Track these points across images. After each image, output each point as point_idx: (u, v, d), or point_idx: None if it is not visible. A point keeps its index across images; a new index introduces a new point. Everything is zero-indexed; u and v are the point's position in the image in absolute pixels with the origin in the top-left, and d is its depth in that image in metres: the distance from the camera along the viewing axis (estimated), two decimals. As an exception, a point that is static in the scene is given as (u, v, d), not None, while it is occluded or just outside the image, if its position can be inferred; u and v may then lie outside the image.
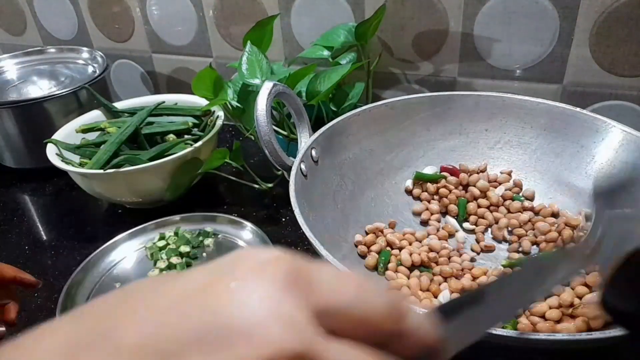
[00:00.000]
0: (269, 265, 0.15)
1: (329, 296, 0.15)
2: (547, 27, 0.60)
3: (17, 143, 0.72)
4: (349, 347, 0.15)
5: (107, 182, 0.59)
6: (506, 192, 0.53)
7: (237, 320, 0.14)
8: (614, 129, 0.50)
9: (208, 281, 0.15)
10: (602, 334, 0.29)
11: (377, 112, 0.55)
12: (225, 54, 0.79)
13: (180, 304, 0.14)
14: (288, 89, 0.51)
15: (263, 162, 0.67)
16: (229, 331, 0.14)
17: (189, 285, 0.15)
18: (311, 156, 0.49)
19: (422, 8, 0.64)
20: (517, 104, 0.55)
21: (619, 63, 0.59)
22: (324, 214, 0.48)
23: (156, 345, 0.14)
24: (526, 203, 0.52)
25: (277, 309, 0.14)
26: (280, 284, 0.15)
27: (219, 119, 0.65)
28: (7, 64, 0.82)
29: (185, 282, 0.15)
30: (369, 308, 0.16)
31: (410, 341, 0.17)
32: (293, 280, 0.15)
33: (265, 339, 0.14)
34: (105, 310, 0.15)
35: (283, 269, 0.15)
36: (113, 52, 0.87)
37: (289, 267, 0.15)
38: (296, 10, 0.71)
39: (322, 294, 0.15)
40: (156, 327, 0.14)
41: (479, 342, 0.31)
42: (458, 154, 0.57)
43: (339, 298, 0.15)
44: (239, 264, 0.15)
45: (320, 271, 0.16)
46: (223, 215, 0.58)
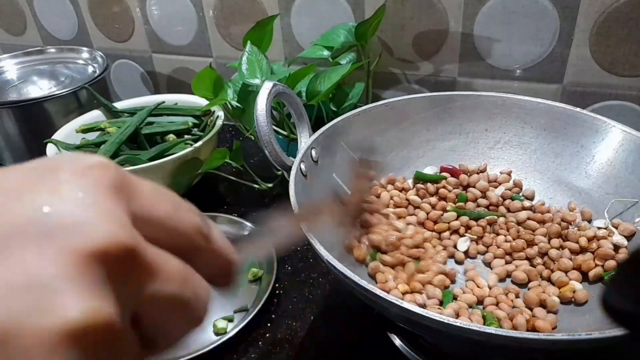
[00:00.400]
0: (94, 169, 0.15)
1: (149, 206, 0.16)
2: (547, 27, 0.60)
3: (17, 143, 0.72)
4: (162, 250, 0.16)
5: (107, 182, 0.59)
6: (506, 191, 0.53)
7: (65, 215, 0.14)
8: (614, 129, 0.50)
9: (31, 180, 0.14)
10: (602, 334, 0.29)
11: (377, 112, 0.55)
12: (225, 54, 0.79)
13: (2, 199, 0.14)
14: (288, 89, 0.51)
15: (263, 162, 0.68)
16: (57, 224, 0.13)
17: (11, 181, 0.14)
18: (311, 156, 0.49)
19: (422, 8, 0.64)
20: (517, 104, 0.55)
21: (619, 63, 0.59)
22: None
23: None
24: (526, 203, 0.52)
25: (104, 207, 0.14)
26: (105, 187, 0.15)
27: (219, 119, 0.65)
28: (7, 64, 0.82)
29: (7, 178, 0.15)
30: (182, 222, 0.17)
31: (210, 258, 0.18)
32: (117, 185, 0.15)
33: (95, 231, 0.14)
34: None
35: (108, 174, 0.15)
36: (113, 52, 0.87)
37: (113, 174, 0.15)
38: (296, 10, 0.71)
39: (143, 203, 0.16)
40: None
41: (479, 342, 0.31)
42: (458, 154, 0.57)
43: (157, 209, 0.16)
44: (63, 166, 0.15)
45: (142, 183, 0.17)
46: (223, 215, 0.58)
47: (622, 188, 0.48)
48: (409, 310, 0.31)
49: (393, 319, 0.37)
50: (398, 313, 0.33)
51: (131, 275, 0.14)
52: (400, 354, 0.44)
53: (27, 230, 0.13)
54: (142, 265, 0.15)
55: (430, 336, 0.42)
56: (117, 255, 0.14)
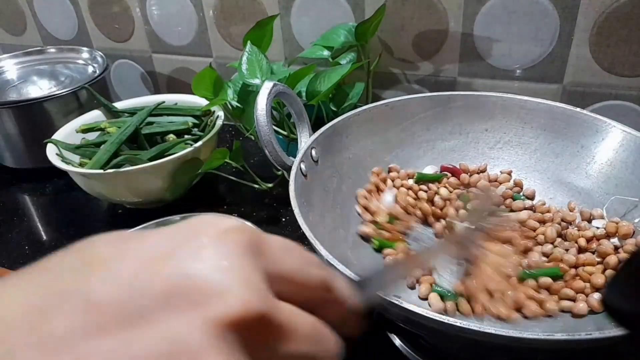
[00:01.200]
0: (230, 233, 0.16)
1: (281, 263, 0.17)
2: (547, 27, 0.60)
3: (17, 143, 0.72)
4: (293, 307, 0.17)
5: (107, 182, 0.59)
6: (507, 191, 0.53)
7: (206, 282, 0.15)
8: (614, 129, 0.50)
9: (175, 244, 0.16)
10: (602, 334, 0.29)
11: (377, 112, 0.55)
12: (225, 54, 0.79)
13: (148, 264, 0.15)
14: (288, 89, 0.51)
15: (263, 162, 0.68)
16: (198, 292, 0.14)
17: (155, 247, 0.16)
18: (311, 156, 0.49)
19: (422, 8, 0.64)
20: (517, 104, 0.55)
21: (619, 63, 0.59)
22: (324, 214, 0.48)
23: (128, 302, 0.14)
24: (527, 202, 0.52)
25: (242, 273, 0.15)
26: (241, 251, 0.16)
27: (219, 119, 0.65)
28: (7, 64, 0.82)
29: (151, 244, 0.16)
30: (310, 276, 0.18)
31: (336, 308, 0.20)
32: (252, 247, 0.16)
33: (235, 299, 0.15)
34: (68, 267, 0.15)
35: (243, 237, 0.16)
36: (113, 52, 0.87)
37: (248, 236, 0.17)
38: (296, 10, 0.71)
39: (275, 260, 0.17)
40: (127, 286, 0.14)
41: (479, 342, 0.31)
42: (458, 154, 0.57)
43: (288, 265, 0.18)
44: (203, 231, 0.16)
45: (273, 241, 0.18)
46: (223, 215, 0.59)
47: (622, 188, 0.48)
48: (409, 310, 0.31)
49: (393, 319, 0.37)
50: (398, 313, 0.33)
51: (267, 338, 0.15)
52: (400, 354, 0.44)
53: (171, 297, 0.14)
54: (277, 328, 0.16)
55: (430, 336, 0.42)
56: (254, 322, 0.15)
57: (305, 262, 0.18)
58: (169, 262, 0.15)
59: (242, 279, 0.15)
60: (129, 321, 0.14)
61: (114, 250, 0.16)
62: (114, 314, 0.14)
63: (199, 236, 0.16)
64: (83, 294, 0.14)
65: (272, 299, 0.16)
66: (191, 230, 0.16)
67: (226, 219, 0.17)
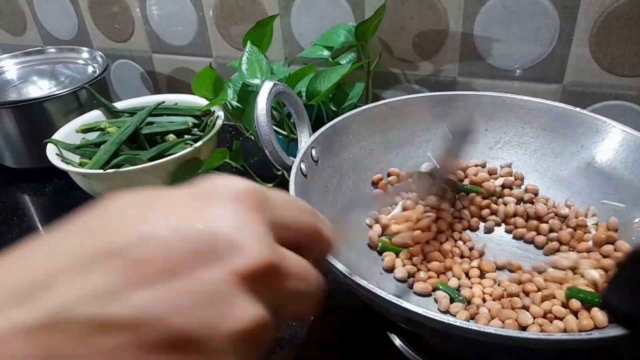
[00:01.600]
0: (243, 194, 0.19)
1: (282, 214, 0.21)
2: (547, 27, 0.60)
3: (17, 143, 0.72)
4: (290, 252, 0.20)
5: (107, 182, 0.59)
6: (507, 180, 0.53)
7: (227, 237, 0.17)
8: (614, 129, 0.50)
9: (199, 205, 0.18)
10: (602, 334, 0.29)
11: (377, 112, 0.55)
12: (225, 54, 0.79)
13: (179, 223, 0.17)
14: (288, 89, 0.51)
15: (263, 162, 0.68)
16: (222, 248, 0.17)
17: (182, 207, 0.18)
18: (311, 156, 0.49)
19: (422, 8, 0.64)
20: (517, 104, 0.55)
21: (619, 63, 0.59)
22: (324, 214, 0.47)
23: (165, 259, 0.16)
24: (526, 195, 0.52)
25: (254, 229, 0.18)
26: (252, 209, 0.19)
27: (219, 119, 0.65)
28: (7, 64, 0.82)
29: (174, 205, 0.18)
30: (304, 222, 0.22)
31: (320, 249, 0.24)
32: (260, 205, 0.20)
33: (252, 253, 0.18)
34: (102, 228, 0.17)
35: (254, 197, 0.20)
36: (113, 52, 0.87)
37: (257, 195, 0.20)
38: (296, 10, 0.71)
39: (277, 213, 0.21)
40: (163, 244, 0.16)
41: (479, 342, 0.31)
42: (458, 154, 0.57)
43: (288, 215, 0.21)
44: (219, 193, 0.19)
45: (275, 195, 0.21)
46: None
47: (622, 188, 0.48)
48: (409, 310, 0.31)
49: (393, 319, 0.37)
50: (398, 313, 0.33)
51: (276, 283, 0.19)
52: (400, 354, 0.44)
53: (201, 253, 0.17)
54: (283, 274, 0.19)
55: (431, 336, 0.42)
56: (267, 271, 0.18)
57: (300, 211, 0.22)
58: (196, 221, 0.17)
59: (256, 235, 0.18)
60: (168, 275, 0.16)
61: (142, 210, 0.18)
62: (153, 270, 0.16)
63: (218, 197, 0.19)
64: (121, 253, 0.16)
65: (278, 249, 0.19)
66: (211, 192, 0.19)
67: (237, 181, 0.20)
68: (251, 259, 0.17)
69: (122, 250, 0.16)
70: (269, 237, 0.19)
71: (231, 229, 0.18)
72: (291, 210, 0.22)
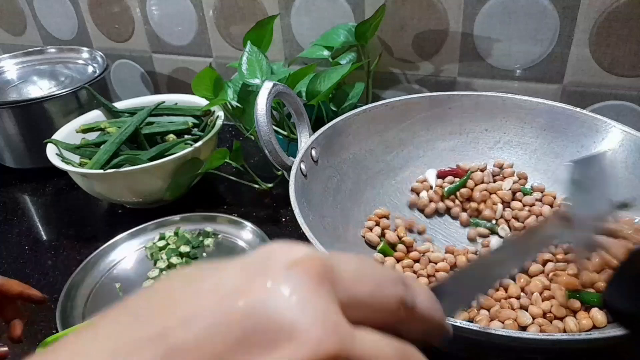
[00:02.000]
0: (300, 264, 0.16)
1: (354, 288, 0.16)
2: (547, 27, 0.60)
3: (17, 143, 0.72)
4: (372, 335, 0.16)
5: (107, 182, 0.59)
6: (515, 185, 0.53)
7: (280, 321, 0.14)
8: (613, 129, 0.50)
9: (244, 280, 0.15)
10: (601, 334, 0.29)
11: (377, 112, 0.55)
12: (225, 54, 0.79)
13: (224, 302, 0.15)
14: (288, 89, 0.51)
15: (263, 162, 0.68)
16: (273, 332, 0.14)
17: (226, 284, 0.15)
18: (311, 156, 0.49)
19: (422, 8, 0.64)
20: (517, 104, 0.55)
21: (619, 63, 0.59)
22: (324, 214, 0.48)
23: (207, 344, 0.14)
24: (536, 194, 0.52)
25: (314, 307, 0.15)
26: (313, 282, 0.15)
27: (219, 119, 0.65)
28: (7, 64, 0.82)
29: (222, 280, 0.16)
30: (386, 298, 0.17)
31: (419, 325, 0.18)
32: (323, 277, 0.16)
33: (309, 339, 0.14)
34: (145, 311, 0.15)
35: (314, 267, 0.16)
36: (113, 52, 0.87)
37: (319, 265, 0.16)
38: (296, 10, 0.71)
39: (347, 286, 0.16)
40: (204, 327, 0.14)
41: (479, 342, 0.31)
42: (458, 154, 0.57)
43: (362, 290, 0.17)
44: (271, 263, 0.16)
45: (345, 265, 0.17)
46: (223, 215, 0.59)
47: (622, 188, 0.48)
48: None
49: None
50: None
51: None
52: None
53: (248, 337, 0.14)
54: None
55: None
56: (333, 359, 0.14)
57: (379, 281, 0.17)
58: (243, 299, 0.15)
59: (317, 314, 0.15)
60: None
61: (188, 289, 0.15)
62: (194, 357, 0.14)
63: (266, 270, 0.16)
64: (162, 339, 0.14)
65: (348, 332, 0.15)
66: (263, 263, 0.16)
67: (296, 248, 0.16)
68: (312, 347, 0.14)
69: (164, 335, 0.14)
70: (337, 317, 0.15)
71: (287, 307, 0.15)
72: (367, 282, 0.17)
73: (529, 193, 0.53)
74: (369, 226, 0.51)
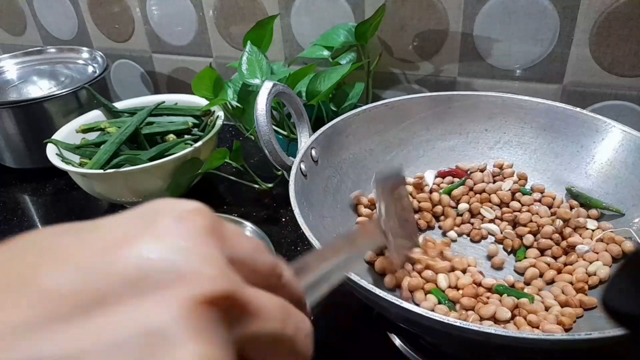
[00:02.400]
0: (191, 214, 0.16)
1: (237, 247, 0.17)
2: (547, 27, 0.60)
3: (17, 143, 0.72)
4: (256, 288, 0.16)
5: (107, 182, 0.59)
6: (514, 185, 0.53)
7: (168, 264, 0.14)
8: (613, 129, 0.50)
9: (133, 229, 0.15)
10: (601, 334, 0.29)
11: (377, 112, 0.55)
12: (225, 54, 0.79)
13: (106, 250, 0.14)
14: (288, 89, 0.51)
15: (263, 162, 0.68)
16: (162, 274, 0.14)
17: (112, 233, 0.15)
18: (311, 156, 0.49)
19: (422, 8, 0.64)
20: (517, 104, 0.55)
21: (619, 63, 0.59)
22: (324, 214, 0.48)
23: (86, 289, 0.13)
24: (536, 195, 0.52)
25: (204, 253, 0.15)
26: (202, 232, 0.15)
27: (219, 119, 0.65)
28: (7, 64, 0.82)
29: (107, 230, 0.15)
30: (262, 261, 0.18)
31: (285, 294, 0.18)
32: (212, 230, 0.16)
33: (201, 279, 0.14)
34: (19, 255, 0.14)
35: (204, 219, 0.16)
36: (113, 52, 0.87)
37: (207, 219, 0.16)
38: (296, 10, 0.71)
39: (231, 244, 0.17)
40: (84, 272, 0.13)
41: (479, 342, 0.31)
42: (457, 154, 0.57)
43: (242, 250, 0.17)
44: (161, 214, 0.16)
45: (228, 226, 0.17)
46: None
47: (621, 188, 0.48)
48: (409, 310, 0.31)
49: (393, 319, 0.37)
50: (398, 313, 0.33)
51: (235, 317, 0.15)
52: (400, 354, 0.44)
53: (135, 280, 0.13)
54: (244, 307, 0.15)
55: (430, 336, 0.42)
56: (221, 301, 0.14)
57: (256, 247, 0.18)
58: (129, 246, 0.14)
59: (206, 259, 0.15)
60: (92, 308, 0.13)
61: (68, 239, 0.15)
62: (74, 302, 0.13)
63: (159, 218, 0.15)
64: (36, 283, 0.13)
65: (236, 277, 0.15)
66: (151, 213, 0.16)
67: (186, 202, 0.16)
68: (202, 284, 0.14)
69: (36, 282, 0.13)
70: (225, 264, 0.15)
71: (176, 252, 0.14)
72: (248, 244, 0.18)
73: (529, 194, 0.52)
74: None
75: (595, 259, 0.45)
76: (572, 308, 0.40)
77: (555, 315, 0.39)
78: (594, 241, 0.46)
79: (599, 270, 0.43)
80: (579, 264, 0.45)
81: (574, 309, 0.40)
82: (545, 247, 0.47)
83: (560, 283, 0.43)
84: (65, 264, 0.14)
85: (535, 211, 0.50)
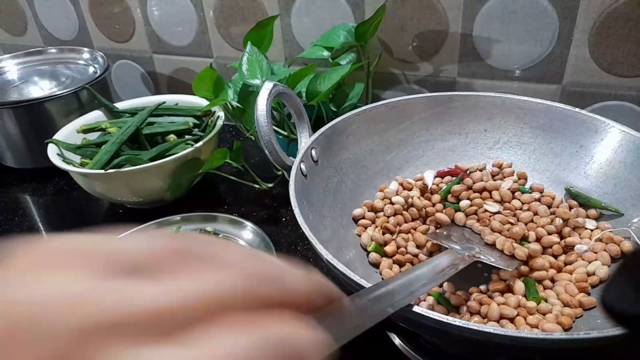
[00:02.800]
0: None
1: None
2: (546, 27, 0.60)
3: (18, 143, 0.72)
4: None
5: (107, 182, 0.59)
6: (514, 185, 0.53)
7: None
8: (613, 129, 0.50)
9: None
10: (600, 334, 0.29)
11: (377, 112, 0.55)
12: (225, 55, 0.80)
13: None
14: (288, 89, 0.51)
15: (263, 162, 0.68)
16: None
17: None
18: (311, 156, 0.49)
19: (422, 8, 0.64)
20: (516, 104, 0.55)
21: (618, 63, 0.59)
22: (324, 214, 0.48)
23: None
24: (535, 194, 0.52)
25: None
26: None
27: (219, 119, 0.66)
28: (8, 64, 0.82)
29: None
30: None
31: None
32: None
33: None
34: None
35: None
36: (114, 52, 0.87)
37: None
38: (296, 10, 0.71)
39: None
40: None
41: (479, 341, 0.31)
42: (457, 154, 0.57)
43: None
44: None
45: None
46: (223, 215, 0.59)
47: (620, 188, 0.48)
48: (409, 310, 0.31)
49: (393, 319, 0.37)
50: (397, 312, 0.33)
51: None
52: (400, 354, 0.44)
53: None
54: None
55: (430, 336, 0.42)
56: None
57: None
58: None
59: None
60: None
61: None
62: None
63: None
64: None
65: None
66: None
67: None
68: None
69: None
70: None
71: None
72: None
73: (529, 193, 0.53)
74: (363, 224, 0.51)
75: (594, 259, 0.45)
76: (572, 308, 0.40)
77: (555, 315, 0.40)
78: (593, 241, 0.46)
79: (598, 270, 0.43)
80: (579, 263, 0.45)
81: (573, 309, 0.40)
82: (546, 246, 0.47)
83: (562, 282, 0.43)
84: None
85: (536, 210, 0.50)
